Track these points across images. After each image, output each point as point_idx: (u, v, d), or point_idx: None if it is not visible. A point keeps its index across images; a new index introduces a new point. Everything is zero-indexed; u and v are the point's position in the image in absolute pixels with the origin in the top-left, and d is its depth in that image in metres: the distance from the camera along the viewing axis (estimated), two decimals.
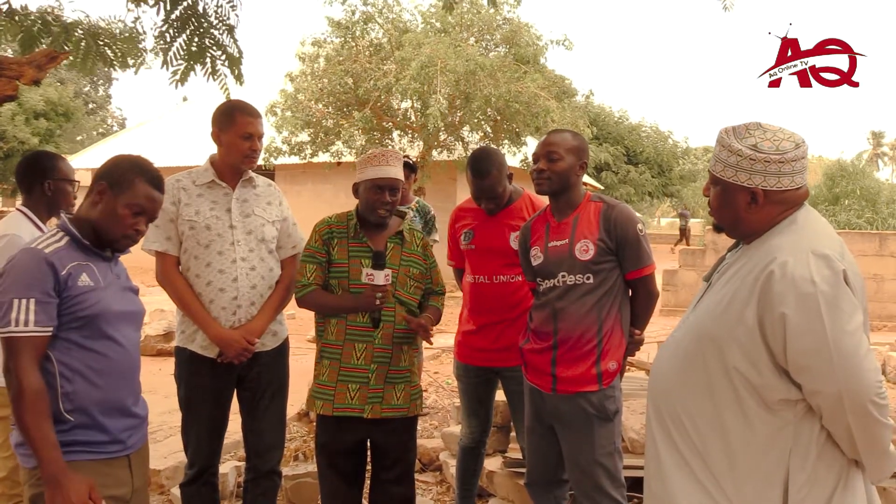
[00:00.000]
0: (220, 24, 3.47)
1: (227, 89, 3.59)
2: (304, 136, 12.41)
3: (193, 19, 3.37)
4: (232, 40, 3.48)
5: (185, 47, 3.40)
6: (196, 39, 3.39)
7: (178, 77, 3.43)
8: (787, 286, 1.48)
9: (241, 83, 3.58)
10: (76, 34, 3.46)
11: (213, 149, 2.75)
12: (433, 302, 2.68)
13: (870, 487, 1.60)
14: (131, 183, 1.89)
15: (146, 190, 1.91)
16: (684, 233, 26.91)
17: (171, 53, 3.39)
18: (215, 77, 3.50)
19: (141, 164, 1.96)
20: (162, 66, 3.37)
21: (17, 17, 3.36)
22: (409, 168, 4.97)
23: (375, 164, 2.52)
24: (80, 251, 1.87)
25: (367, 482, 2.72)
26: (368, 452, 2.65)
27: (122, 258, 2.03)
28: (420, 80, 10.62)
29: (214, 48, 3.46)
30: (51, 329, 1.77)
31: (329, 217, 2.65)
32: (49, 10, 3.46)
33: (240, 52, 3.53)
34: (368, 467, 2.70)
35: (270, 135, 11.92)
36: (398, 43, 11.72)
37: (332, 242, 2.55)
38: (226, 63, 3.50)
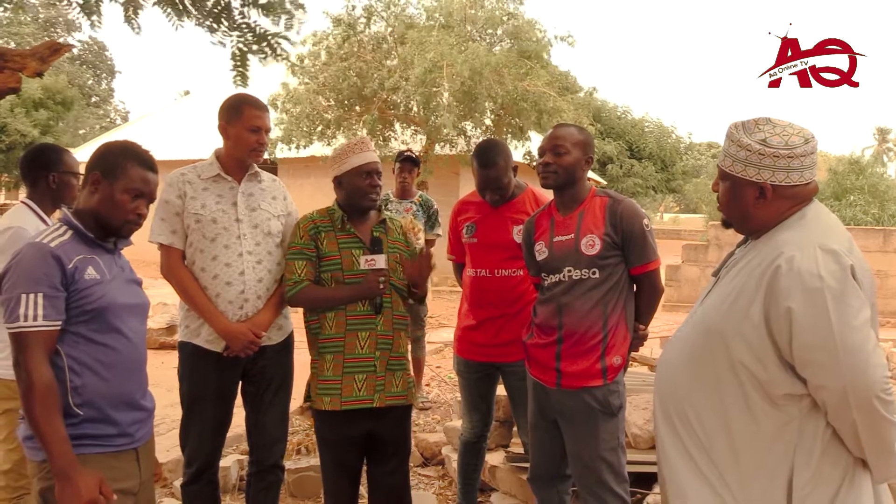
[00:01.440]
0: (249, 5, 3.47)
1: (285, 60, 3.64)
2: (305, 129, 12.35)
3: (224, 16, 3.37)
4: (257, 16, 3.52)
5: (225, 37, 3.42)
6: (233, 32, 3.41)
7: (239, 82, 3.51)
8: (794, 280, 1.48)
9: (279, 55, 3.61)
10: None
11: (214, 142, 2.74)
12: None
13: (878, 487, 1.59)
14: (124, 168, 1.89)
15: (139, 173, 1.91)
16: None
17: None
18: (244, 63, 3.53)
19: (130, 148, 1.95)
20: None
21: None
22: (412, 162, 4.97)
23: (357, 152, 2.59)
24: (84, 244, 1.87)
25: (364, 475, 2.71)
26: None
27: (125, 251, 2.03)
28: (425, 85, 10.57)
29: (249, 35, 3.48)
30: (59, 323, 1.77)
31: (310, 214, 2.66)
32: None
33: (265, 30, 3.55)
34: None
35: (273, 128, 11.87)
36: (401, 38, 11.65)
37: (320, 237, 2.55)
38: (255, 43, 3.53)
